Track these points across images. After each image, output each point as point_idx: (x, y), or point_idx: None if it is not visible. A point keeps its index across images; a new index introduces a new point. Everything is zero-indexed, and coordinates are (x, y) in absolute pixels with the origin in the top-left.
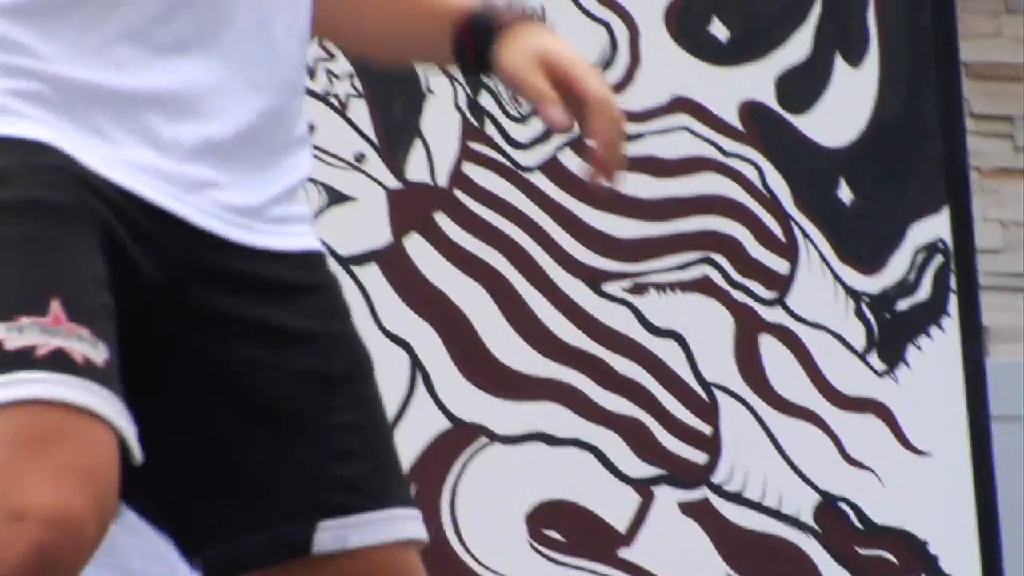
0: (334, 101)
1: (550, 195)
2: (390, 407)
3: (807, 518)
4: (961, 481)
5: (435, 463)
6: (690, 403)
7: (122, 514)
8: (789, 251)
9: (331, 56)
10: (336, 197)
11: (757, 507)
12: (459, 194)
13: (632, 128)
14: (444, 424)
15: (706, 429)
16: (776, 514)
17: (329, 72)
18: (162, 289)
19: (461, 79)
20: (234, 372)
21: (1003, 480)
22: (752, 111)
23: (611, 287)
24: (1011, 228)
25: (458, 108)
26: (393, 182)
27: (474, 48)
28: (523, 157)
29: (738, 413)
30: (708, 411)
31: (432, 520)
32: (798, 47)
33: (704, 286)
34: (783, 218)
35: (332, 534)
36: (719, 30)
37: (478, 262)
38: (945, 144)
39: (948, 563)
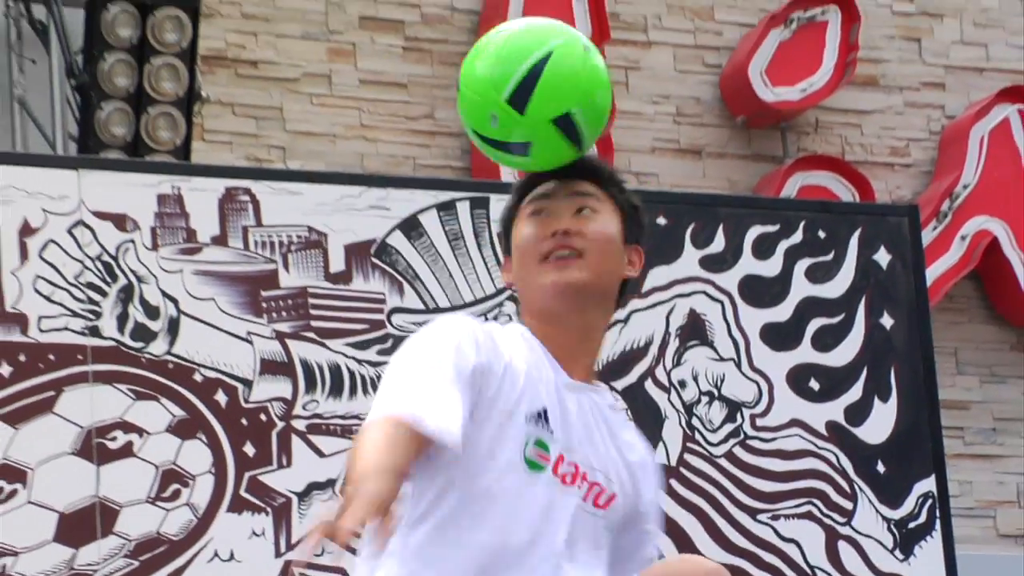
0: None
1: (729, 470)
2: None
3: None
4: None
5: None
6: None
7: None
8: (852, 497)
9: (615, 399)
10: None
11: None
12: (683, 470)
13: (769, 435)
14: None
15: None
16: None
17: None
18: None
19: (684, 410)
20: None
21: None
22: (833, 426)
23: (762, 517)
24: (964, 485)
25: (681, 426)
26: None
27: None
28: (714, 450)
29: None
30: None
31: None
32: (855, 393)
33: (809, 515)
34: (849, 481)
35: None
36: (815, 384)
37: (692, 504)
38: (931, 443)
39: None
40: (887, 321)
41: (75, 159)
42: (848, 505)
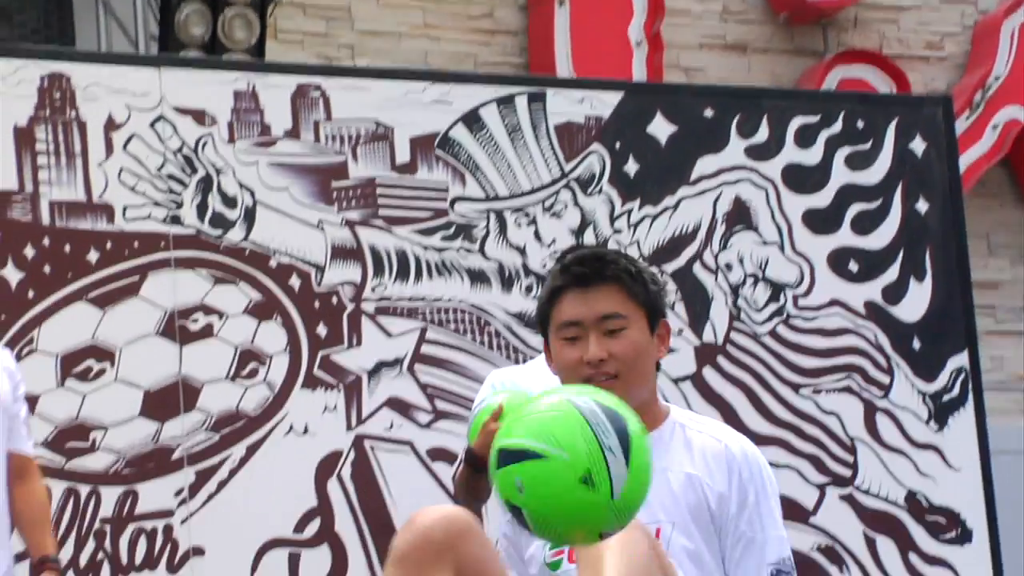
0: (667, 303)
1: (773, 347)
2: None
3: (901, 502)
4: (976, 482)
5: None
6: (843, 447)
7: None
8: (890, 372)
9: (665, 282)
10: (669, 350)
11: (877, 496)
12: (729, 348)
13: (811, 314)
14: None
15: (850, 459)
16: (885, 500)
17: (665, 290)
18: None
19: (730, 292)
20: None
21: (998, 481)
22: (871, 305)
23: (804, 391)
24: (996, 360)
25: (727, 306)
26: (696, 342)
27: None
28: (759, 328)
29: (866, 451)
30: (851, 451)
31: None
32: (892, 273)
33: (849, 389)
34: (886, 356)
35: None
36: (854, 266)
37: (739, 380)
38: (965, 322)
39: (970, 523)
40: (922, 206)
41: (156, 58)
42: (885, 379)
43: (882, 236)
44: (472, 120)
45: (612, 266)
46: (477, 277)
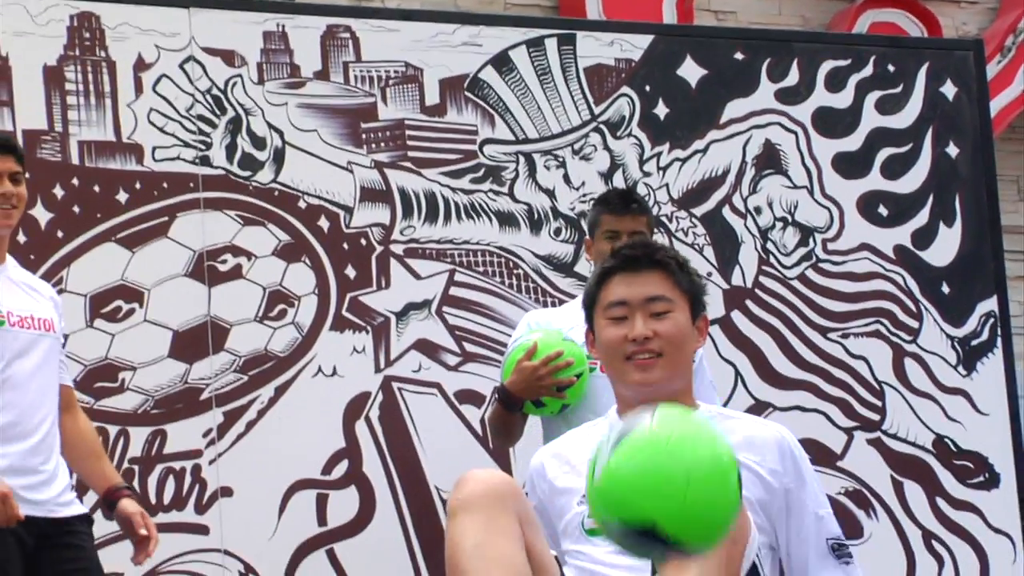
0: (696, 247)
1: (802, 291)
2: (724, 395)
3: (928, 446)
4: (1004, 426)
5: None
6: (871, 391)
7: None
8: (918, 317)
9: (694, 225)
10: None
11: (904, 441)
12: (758, 291)
13: (840, 259)
14: (750, 402)
15: (878, 403)
16: (913, 444)
17: (694, 233)
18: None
19: (759, 235)
20: None
21: None
22: (900, 249)
23: (832, 335)
24: None
25: (756, 250)
26: (725, 285)
27: None
28: (788, 272)
29: (894, 396)
30: (879, 395)
31: None
32: (922, 218)
33: (877, 334)
34: (915, 301)
35: None
36: (883, 210)
37: (768, 324)
38: (995, 266)
39: (998, 467)
40: (952, 150)
41: None
42: (914, 324)
43: (912, 180)
44: (502, 62)
45: (661, 252)
46: (506, 220)
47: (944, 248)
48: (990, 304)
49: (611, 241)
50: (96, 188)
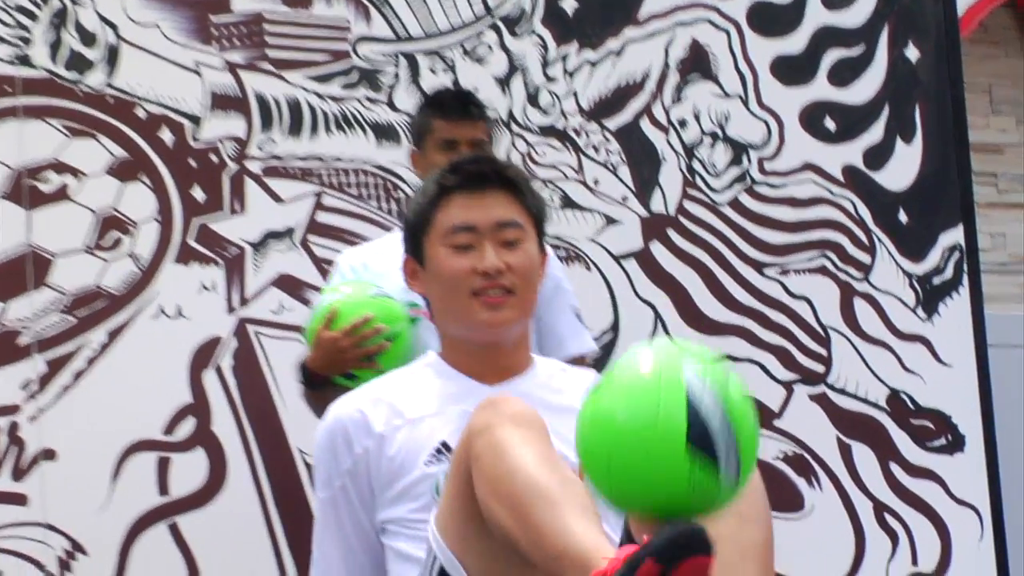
0: (609, 166)
1: (734, 219)
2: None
3: (881, 402)
4: (970, 380)
5: None
6: (816, 338)
7: None
8: (870, 250)
9: (607, 140)
10: (610, 221)
11: (853, 396)
12: (682, 219)
13: (779, 181)
14: None
15: (822, 352)
16: (863, 400)
17: (607, 149)
18: None
19: (684, 153)
20: None
21: (996, 379)
22: (849, 170)
23: (769, 271)
24: (997, 238)
25: (680, 170)
26: (643, 212)
27: None
28: (718, 197)
29: (841, 343)
30: (824, 343)
31: None
32: (876, 133)
33: (822, 270)
34: (867, 231)
35: None
36: (830, 124)
37: (692, 258)
38: (960, 189)
39: (963, 427)
40: (912, 53)
41: None
42: (866, 258)
43: (864, 88)
44: None
45: (512, 170)
46: (384, 133)
47: (902, 169)
48: (955, 235)
49: (446, 152)
50: None
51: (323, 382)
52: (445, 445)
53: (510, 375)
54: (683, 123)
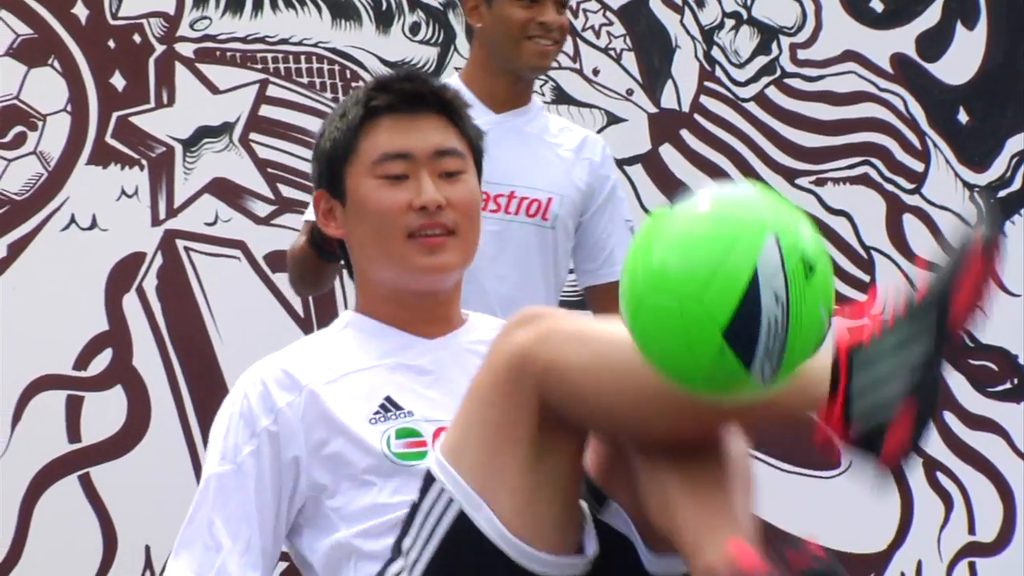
0: (612, 53)
1: (759, 118)
2: None
3: None
4: None
5: None
6: (856, 261)
7: None
8: (924, 156)
9: (609, 22)
10: (613, 119)
11: None
12: (698, 117)
13: (815, 72)
14: None
15: (865, 278)
16: None
17: (609, 33)
18: None
19: (701, 38)
20: None
21: None
22: (899, 60)
23: (802, 181)
24: None
25: (697, 58)
26: (652, 108)
27: None
28: (741, 91)
29: (887, 267)
30: (867, 266)
31: None
32: (931, 16)
33: (865, 180)
34: (920, 134)
35: None
36: (877, 4)
37: (709, 164)
38: None
39: None
40: None
41: None
42: (918, 166)
43: None
44: None
45: (449, 91)
46: (340, 10)
47: (962, 60)
48: None
49: (530, 6)
50: None
51: (330, 250)
52: (390, 400)
53: (449, 328)
54: (700, 2)
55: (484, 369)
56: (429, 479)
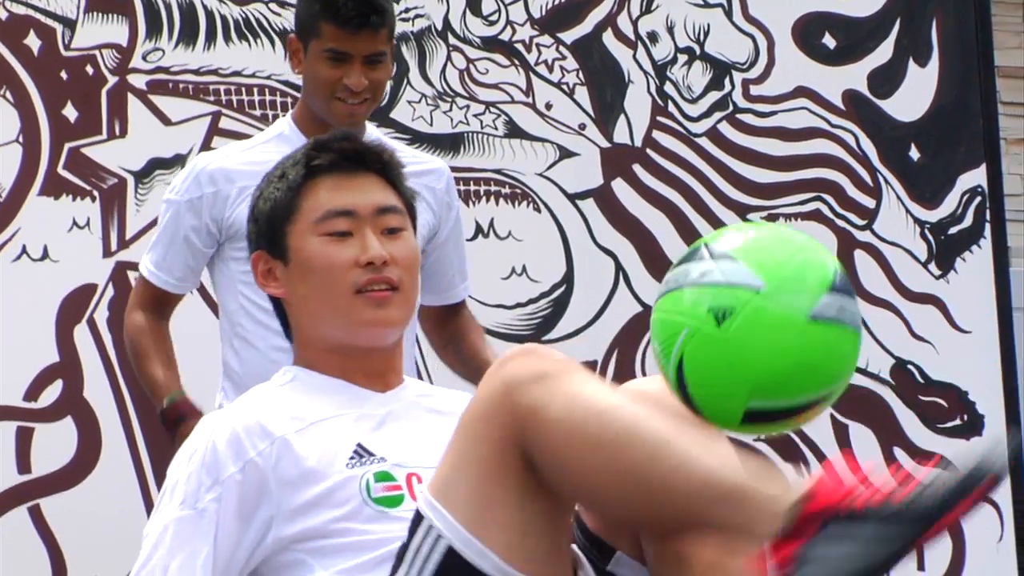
0: (565, 88)
1: (712, 153)
2: (600, 299)
3: (885, 375)
4: (991, 350)
5: (629, 338)
6: None
7: None
8: (875, 192)
9: (563, 57)
10: (565, 153)
11: None
12: (650, 152)
13: (767, 108)
14: (637, 308)
15: None
16: (864, 372)
17: (562, 68)
18: None
19: (654, 73)
20: None
21: (1021, 345)
22: (851, 96)
23: (753, 216)
24: None
25: (650, 93)
26: (604, 143)
27: None
28: (693, 127)
29: None
30: None
31: (630, 374)
32: (883, 53)
33: (817, 216)
34: (871, 171)
35: None
36: (829, 41)
37: (662, 199)
38: (984, 121)
39: (982, 406)
40: None
41: None
42: (869, 203)
43: None
44: None
45: (387, 152)
46: None
47: (914, 96)
48: (977, 176)
49: (335, 66)
50: None
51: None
52: (362, 447)
53: (396, 382)
54: (654, 37)
55: (475, 400)
56: (418, 517)
